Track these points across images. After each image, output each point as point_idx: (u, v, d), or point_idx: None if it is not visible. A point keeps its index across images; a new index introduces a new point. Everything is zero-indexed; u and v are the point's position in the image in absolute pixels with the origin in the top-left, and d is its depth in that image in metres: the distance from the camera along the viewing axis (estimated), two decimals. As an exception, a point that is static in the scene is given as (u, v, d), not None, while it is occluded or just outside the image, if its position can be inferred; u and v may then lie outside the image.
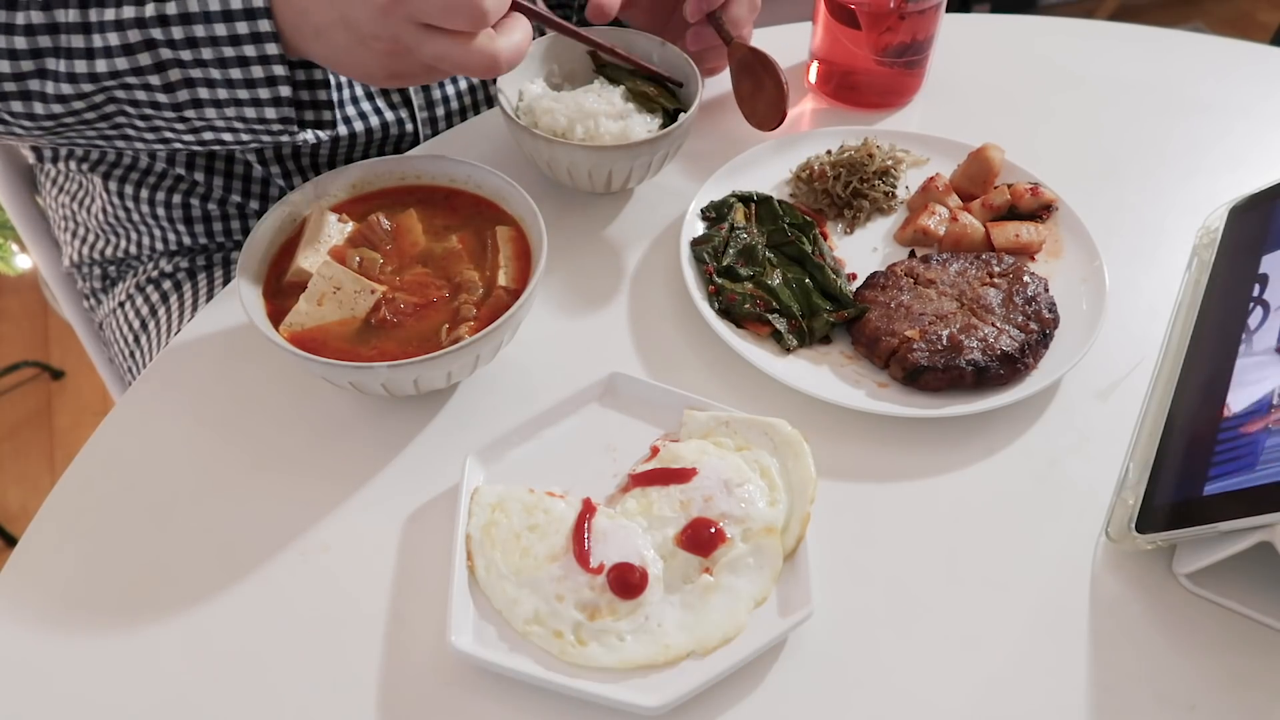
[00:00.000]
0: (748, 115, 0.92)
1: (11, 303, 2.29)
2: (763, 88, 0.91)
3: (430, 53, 0.65)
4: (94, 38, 0.67)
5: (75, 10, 0.67)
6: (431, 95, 1.02)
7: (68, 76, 0.68)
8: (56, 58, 0.68)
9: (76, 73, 0.68)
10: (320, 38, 0.68)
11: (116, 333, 1.08)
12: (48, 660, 0.62)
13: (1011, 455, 0.74)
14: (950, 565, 0.67)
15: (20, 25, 0.67)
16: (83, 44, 0.67)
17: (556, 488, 0.68)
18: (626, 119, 0.86)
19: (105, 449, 0.72)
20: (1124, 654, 0.63)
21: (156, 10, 0.67)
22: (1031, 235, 0.86)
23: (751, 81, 0.92)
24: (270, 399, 0.75)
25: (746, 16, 0.94)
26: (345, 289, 0.71)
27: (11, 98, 0.69)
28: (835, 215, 0.91)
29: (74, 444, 2.01)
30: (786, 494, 0.67)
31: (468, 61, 0.66)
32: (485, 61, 0.66)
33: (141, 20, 0.67)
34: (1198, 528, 0.62)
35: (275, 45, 0.68)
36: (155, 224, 1.01)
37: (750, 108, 0.92)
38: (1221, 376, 0.71)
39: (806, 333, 0.80)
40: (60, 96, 0.69)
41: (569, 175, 0.86)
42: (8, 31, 0.67)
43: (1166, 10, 3.05)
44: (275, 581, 0.65)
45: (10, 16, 0.67)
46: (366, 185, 0.80)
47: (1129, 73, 1.11)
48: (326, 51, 0.69)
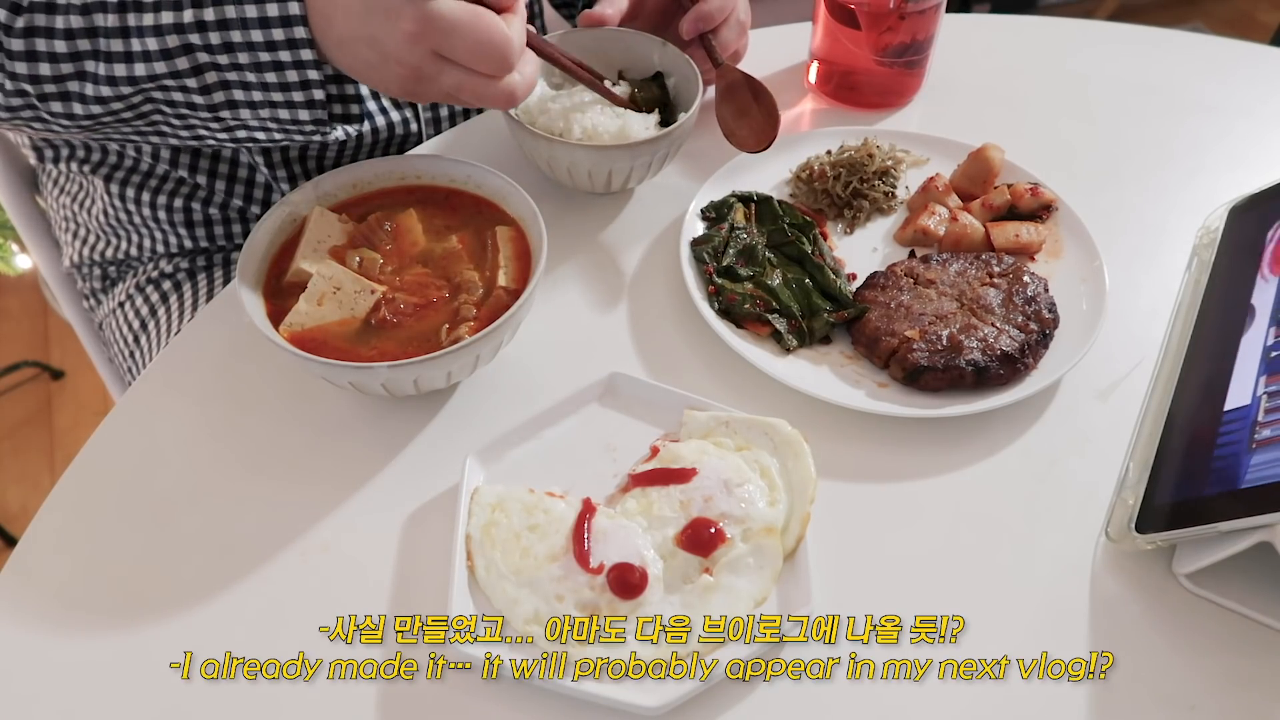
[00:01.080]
0: (728, 135, 0.91)
1: (11, 303, 2.29)
2: (748, 114, 0.91)
3: (450, 84, 0.67)
4: (133, 42, 0.68)
5: (114, 15, 0.68)
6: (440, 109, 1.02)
7: (107, 79, 0.69)
8: (96, 60, 0.69)
9: (116, 76, 0.69)
10: (343, 49, 0.68)
11: (116, 333, 1.08)
12: (47, 660, 0.62)
13: (1011, 455, 0.74)
14: (950, 565, 0.67)
15: (60, 29, 0.68)
16: (121, 48, 0.68)
17: (556, 488, 0.68)
18: (625, 118, 0.86)
19: (105, 449, 0.72)
20: (1124, 654, 0.63)
21: (195, 16, 0.68)
22: (1031, 235, 0.86)
23: (736, 106, 0.91)
24: (270, 399, 0.75)
25: (735, 39, 0.95)
26: (345, 289, 0.71)
27: (51, 99, 0.71)
28: (835, 215, 0.91)
29: (74, 444, 2.01)
30: (786, 494, 0.67)
31: (486, 94, 0.67)
32: (505, 96, 0.68)
33: (180, 26, 0.68)
34: (1198, 528, 0.62)
35: (310, 51, 0.69)
36: (156, 226, 1.01)
37: (730, 129, 0.91)
38: (1221, 376, 0.71)
39: (806, 333, 0.80)
40: (99, 98, 0.71)
41: (569, 175, 0.86)
42: (48, 35, 0.68)
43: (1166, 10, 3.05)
44: (275, 582, 0.65)
45: (50, 20, 0.68)
46: (366, 185, 0.80)
47: (1129, 73, 1.11)
48: (348, 62, 0.70)
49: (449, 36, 0.64)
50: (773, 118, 0.89)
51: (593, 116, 0.85)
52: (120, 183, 1.00)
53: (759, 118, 0.90)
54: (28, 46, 0.68)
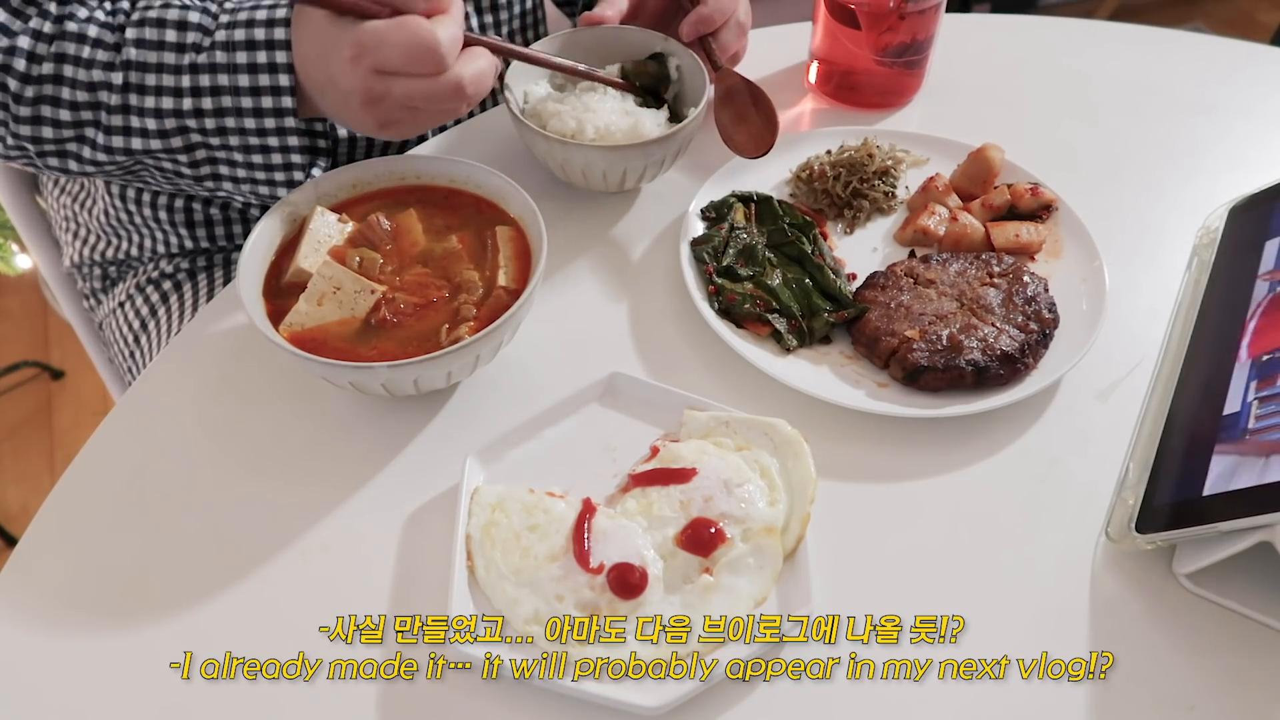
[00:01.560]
0: (726, 140, 0.91)
1: (11, 303, 2.29)
2: (746, 119, 0.91)
3: (400, 94, 0.69)
4: (132, 119, 0.74)
5: (118, 95, 0.73)
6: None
7: (104, 148, 0.75)
8: (96, 129, 0.74)
9: (113, 146, 0.75)
10: (322, 96, 0.74)
11: (116, 333, 1.08)
12: (47, 660, 0.62)
13: (1011, 455, 0.74)
14: (950, 565, 0.67)
15: (66, 100, 0.74)
16: (121, 123, 0.74)
17: (556, 488, 0.68)
18: (635, 116, 0.86)
19: (105, 449, 0.72)
20: (1124, 654, 0.63)
21: (194, 105, 0.74)
22: (1031, 235, 0.86)
23: (734, 111, 0.91)
24: (270, 399, 0.75)
25: (734, 41, 0.95)
26: (345, 289, 0.71)
27: (49, 155, 0.77)
28: (835, 215, 0.91)
29: (74, 444, 2.01)
30: (786, 494, 0.67)
31: (435, 93, 0.69)
32: (451, 90, 0.69)
33: (179, 112, 0.74)
34: (1198, 528, 0.62)
35: (298, 138, 0.76)
36: (157, 227, 1.01)
37: (729, 134, 0.90)
38: (1221, 376, 0.71)
39: (806, 333, 0.80)
40: (94, 161, 0.76)
41: (583, 176, 0.86)
42: (54, 104, 0.74)
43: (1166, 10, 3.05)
44: (275, 582, 0.65)
45: (57, 91, 0.73)
46: (366, 185, 0.80)
47: (1129, 73, 1.11)
48: (327, 108, 0.75)
49: (380, 48, 0.67)
50: (771, 124, 0.89)
51: (604, 116, 0.85)
52: (121, 184, 1.00)
53: (758, 123, 0.90)
54: (34, 113, 0.74)
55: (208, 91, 0.73)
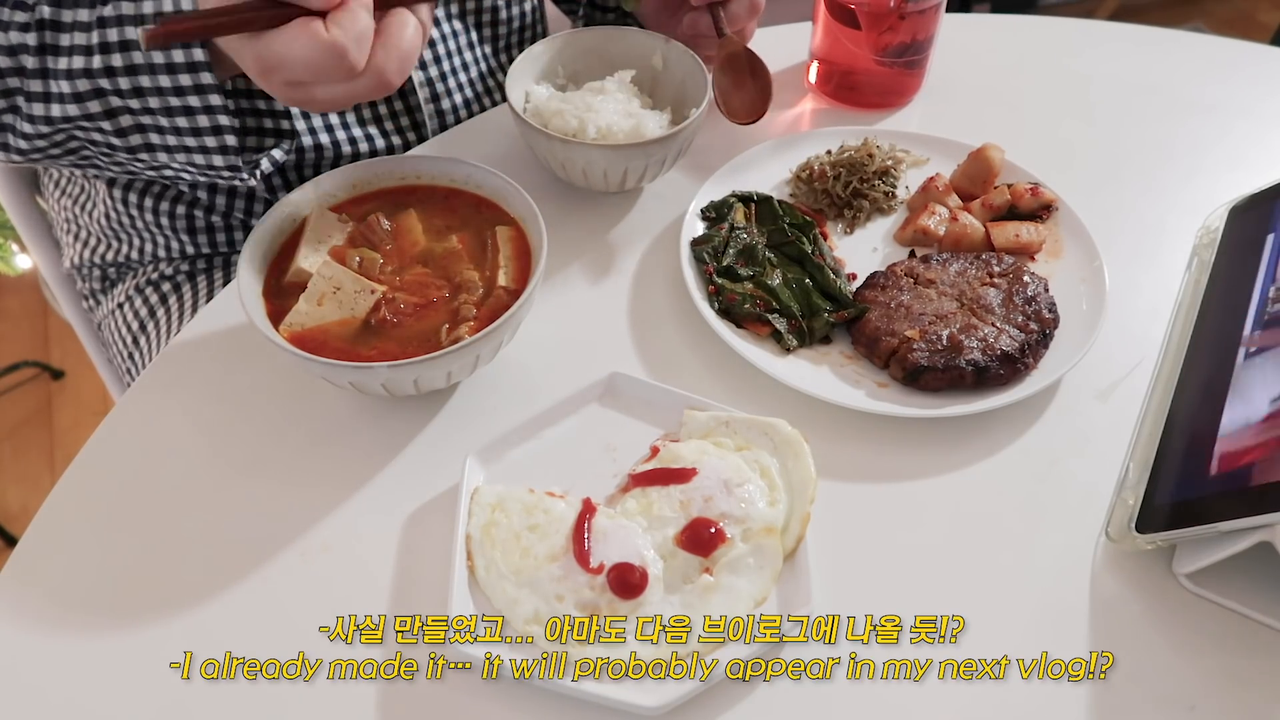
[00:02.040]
0: (720, 104, 0.92)
1: (11, 303, 2.29)
2: (743, 86, 0.92)
3: (323, 99, 0.66)
4: (50, 84, 0.70)
5: (34, 58, 0.69)
6: (446, 120, 1.02)
7: (27, 117, 0.71)
8: (23, 98, 0.70)
9: (35, 115, 0.71)
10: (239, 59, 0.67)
11: (116, 333, 1.08)
12: (47, 660, 0.62)
13: (1011, 455, 0.74)
14: (950, 565, 0.67)
15: None
16: (40, 89, 0.70)
17: (556, 488, 0.68)
18: (637, 116, 0.86)
19: (105, 449, 0.72)
20: (1124, 654, 0.63)
21: (104, 63, 0.68)
22: (1031, 235, 0.86)
23: (733, 78, 0.92)
24: (270, 399, 0.75)
25: (745, 16, 0.94)
26: (345, 289, 0.71)
27: None
28: (835, 215, 0.91)
29: (74, 444, 2.01)
30: (786, 494, 0.67)
31: (358, 93, 0.66)
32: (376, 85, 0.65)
33: (89, 71, 0.69)
34: (1198, 528, 0.62)
35: (219, 96, 0.69)
36: (159, 231, 1.01)
37: (724, 99, 0.92)
38: (1221, 376, 0.71)
39: (806, 333, 0.80)
40: (25, 135, 0.72)
41: (584, 176, 0.86)
42: None
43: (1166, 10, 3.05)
44: (275, 582, 0.65)
45: None
46: (366, 185, 0.80)
47: (1129, 73, 1.11)
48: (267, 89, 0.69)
49: (283, 68, 0.63)
50: (765, 93, 0.91)
51: (606, 116, 0.85)
52: (123, 187, 1.00)
53: (752, 91, 0.92)
54: None
55: (116, 47, 0.68)
